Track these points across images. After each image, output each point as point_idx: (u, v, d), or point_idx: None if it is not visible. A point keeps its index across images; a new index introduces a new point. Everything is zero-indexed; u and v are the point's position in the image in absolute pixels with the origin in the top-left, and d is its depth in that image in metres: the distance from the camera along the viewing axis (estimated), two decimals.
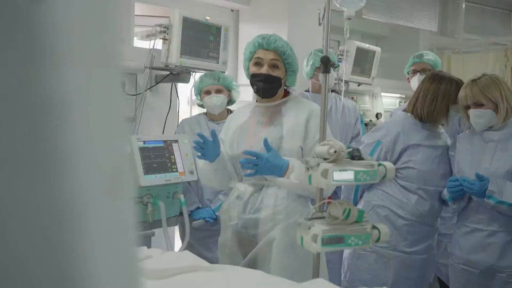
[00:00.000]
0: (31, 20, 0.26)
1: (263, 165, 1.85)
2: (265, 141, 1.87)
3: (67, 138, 0.27)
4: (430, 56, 3.06)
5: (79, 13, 0.28)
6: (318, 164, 1.41)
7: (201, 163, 2.10)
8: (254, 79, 1.99)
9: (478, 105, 2.16)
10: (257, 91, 2.01)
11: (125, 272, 0.32)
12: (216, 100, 2.64)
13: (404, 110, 2.43)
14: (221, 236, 2.10)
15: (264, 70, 1.96)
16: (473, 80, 2.20)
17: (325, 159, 1.42)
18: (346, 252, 2.42)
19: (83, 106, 0.28)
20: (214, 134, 1.97)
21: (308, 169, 1.45)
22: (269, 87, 1.97)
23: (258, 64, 1.99)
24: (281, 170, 1.86)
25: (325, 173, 1.38)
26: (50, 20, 0.26)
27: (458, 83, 2.28)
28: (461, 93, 2.21)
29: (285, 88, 2.10)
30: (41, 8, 0.26)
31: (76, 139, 0.28)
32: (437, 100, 2.26)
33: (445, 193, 2.25)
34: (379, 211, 2.29)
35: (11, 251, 0.27)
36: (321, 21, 1.59)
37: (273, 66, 1.97)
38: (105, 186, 0.29)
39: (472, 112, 2.18)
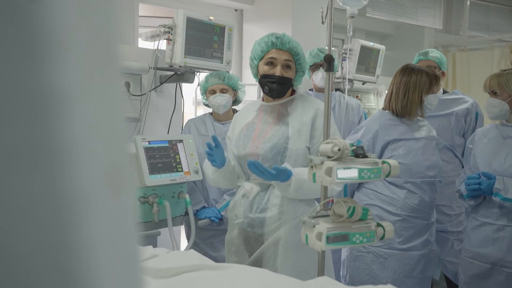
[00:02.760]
0: (31, 17, 0.26)
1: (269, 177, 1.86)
2: (259, 167, 1.82)
3: (67, 133, 0.28)
4: (435, 53, 3.06)
5: (78, 10, 0.28)
6: (322, 162, 1.41)
7: (210, 172, 2.11)
8: (266, 79, 1.96)
9: (494, 94, 2.22)
10: (269, 92, 1.98)
11: (126, 267, 0.32)
12: (221, 100, 2.64)
13: (382, 108, 2.45)
14: (228, 234, 2.11)
15: (277, 71, 1.94)
16: (502, 70, 2.28)
17: (329, 157, 1.42)
18: (344, 254, 2.41)
19: (83, 101, 0.29)
20: (215, 139, 1.97)
21: (312, 167, 1.46)
22: (282, 88, 1.96)
23: (271, 64, 1.96)
24: (287, 176, 1.87)
25: (329, 171, 1.38)
26: (49, 17, 0.27)
27: (427, 73, 2.31)
28: (485, 81, 2.31)
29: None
30: (41, 5, 0.26)
31: (76, 134, 0.28)
32: (408, 92, 2.28)
33: (463, 190, 2.25)
34: (371, 210, 2.29)
35: (12, 247, 0.28)
36: (324, 20, 1.59)
37: (286, 67, 1.96)
38: (105, 181, 0.30)
39: (487, 100, 2.25)
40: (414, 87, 2.27)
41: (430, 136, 2.35)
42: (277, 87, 1.95)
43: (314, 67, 3.15)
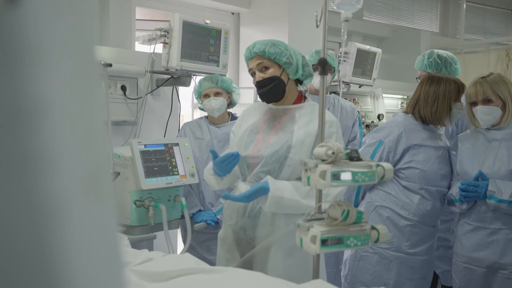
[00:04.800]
0: (8, 26, 0.26)
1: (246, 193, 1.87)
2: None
3: (47, 140, 0.28)
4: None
5: (55, 18, 0.28)
6: (316, 166, 1.41)
7: (215, 183, 2.07)
8: (256, 89, 2.01)
9: (486, 101, 2.19)
10: (262, 99, 2.02)
11: (107, 271, 0.32)
12: (215, 103, 2.64)
13: (404, 112, 2.44)
14: (222, 230, 2.10)
15: (256, 77, 1.97)
16: (483, 77, 2.23)
17: (323, 160, 1.42)
18: (347, 254, 2.42)
19: (62, 108, 0.29)
20: (213, 153, 1.96)
21: (306, 170, 1.46)
22: (268, 90, 1.95)
23: (253, 74, 2.00)
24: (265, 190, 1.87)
25: (323, 175, 1.38)
26: (27, 26, 0.27)
27: (456, 82, 2.31)
28: (471, 90, 2.25)
29: (301, 88, 2.08)
30: (18, 14, 0.27)
31: (55, 141, 0.28)
32: (438, 100, 2.28)
33: (455, 194, 2.25)
34: (382, 212, 2.30)
35: None
36: (318, 23, 1.59)
37: (264, 69, 1.96)
38: (84, 187, 0.30)
39: (479, 108, 2.20)
40: (444, 95, 2.28)
41: (447, 145, 2.37)
42: (262, 91, 1.97)
43: (314, 69, 3.10)
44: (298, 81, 2.04)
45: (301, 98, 2.06)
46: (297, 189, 1.87)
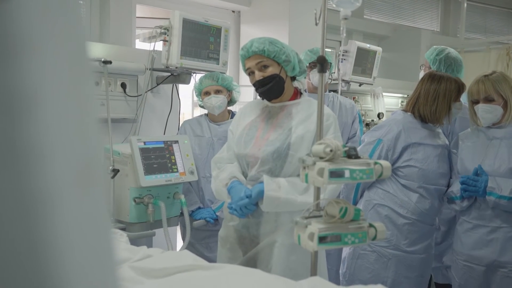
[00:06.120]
0: None
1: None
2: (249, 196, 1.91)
3: (37, 132, 0.28)
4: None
5: (45, 11, 0.29)
6: (314, 163, 1.41)
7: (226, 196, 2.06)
8: (255, 88, 2.02)
9: (488, 100, 2.20)
10: (263, 98, 2.04)
11: (99, 265, 0.32)
12: (215, 101, 2.65)
13: (403, 110, 2.44)
14: (222, 230, 2.10)
15: (256, 76, 1.98)
16: (485, 76, 2.23)
17: (321, 158, 1.42)
18: (346, 252, 2.42)
19: (53, 100, 0.29)
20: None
21: (304, 168, 1.46)
22: (268, 89, 1.97)
23: (251, 73, 2.00)
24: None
25: (321, 172, 1.38)
26: (17, 18, 0.27)
27: (456, 81, 2.31)
28: (473, 88, 2.25)
29: (297, 85, 2.09)
30: (8, 6, 0.27)
31: (45, 132, 0.29)
32: (438, 99, 2.28)
33: (455, 191, 2.25)
34: (380, 210, 2.30)
35: None
36: (317, 21, 1.59)
37: (263, 68, 1.97)
38: (76, 178, 0.30)
39: (481, 106, 2.21)
40: (444, 95, 2.27)
41: (445, 144, 2.37)
42: (262, 90, 1.98)
43: (311, 66, 3.10)
44: (292, 77, 2.05)
45: (297, 94, 2.07)
46: (294, 186, 1.88)
